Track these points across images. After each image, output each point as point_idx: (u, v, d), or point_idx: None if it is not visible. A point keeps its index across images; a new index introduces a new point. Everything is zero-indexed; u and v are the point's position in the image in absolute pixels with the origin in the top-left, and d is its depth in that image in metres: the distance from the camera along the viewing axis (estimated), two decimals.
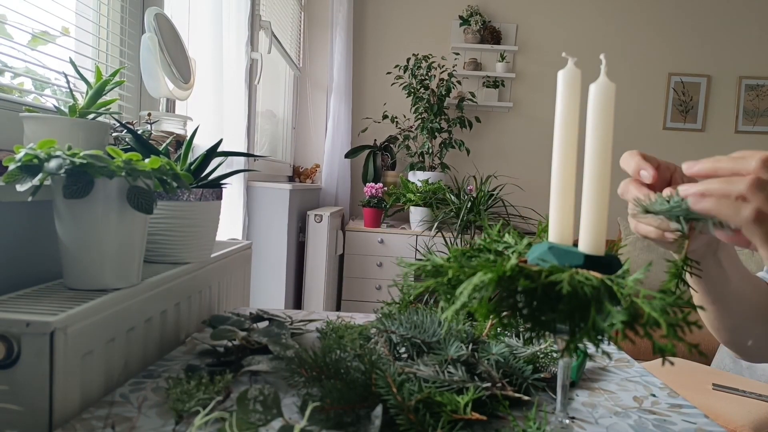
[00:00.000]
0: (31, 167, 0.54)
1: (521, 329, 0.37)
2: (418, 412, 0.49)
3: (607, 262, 0.38)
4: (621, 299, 0.34)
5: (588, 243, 0.39)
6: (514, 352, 0.65)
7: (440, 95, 2.98)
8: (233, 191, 1.79)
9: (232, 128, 1.77)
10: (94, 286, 0.61)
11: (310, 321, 0.90)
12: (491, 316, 0.36)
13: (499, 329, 0.37)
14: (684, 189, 0.41)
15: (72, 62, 0.74)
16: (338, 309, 2.86)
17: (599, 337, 0.34)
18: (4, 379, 0.49)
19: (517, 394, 0.58)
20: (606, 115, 0.39)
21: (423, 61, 2.95)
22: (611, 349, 0.86)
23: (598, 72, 0.39)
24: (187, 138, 0.85)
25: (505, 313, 0.36)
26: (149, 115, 1.01)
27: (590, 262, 0.37)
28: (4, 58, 0.88)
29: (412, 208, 2.85)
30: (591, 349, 0.61)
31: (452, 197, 2.64)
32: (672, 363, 0.30)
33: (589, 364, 0.76)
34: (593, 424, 0.57)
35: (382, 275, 2.79)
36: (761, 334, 0.63)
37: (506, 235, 0.48)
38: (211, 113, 1.59)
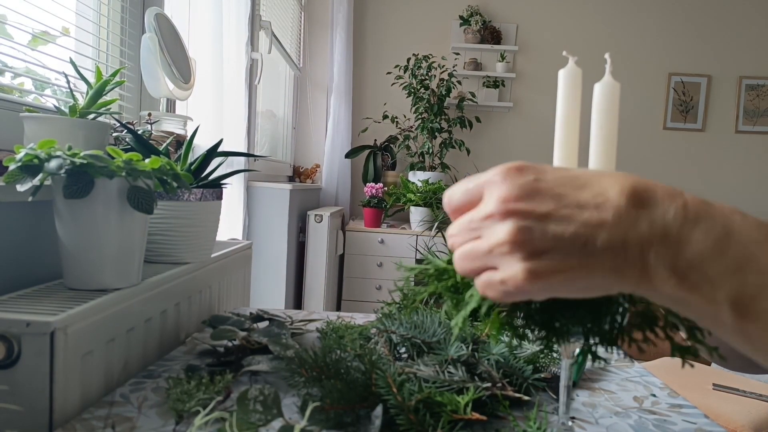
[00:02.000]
0: (31, 167, 0.54)
1: (533, 336, 0.37)
2: (418, 412, 0.49)
3: None
4: (637, 301, 0.33)
5: None
6: (514, 351, 0.65)
7: (440, 95, 2.98)
8: (233, 191, 1.79)
9: (232, 128, 1.77)
10: (94, 286, 0.61)
11: (310, 321, 0.90)
12: (504, 328, 0.36)
13: (513, 338, 0.36)
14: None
15: (72, 62, 0.74)
16: (338, 309, 2.86)
17: (615, 340, 0.34)
18: (4, 379, 0.49)
19: (517, 394, 0.58)
20: (611, 114, 0.38)
21: (423, 61, 2.95)
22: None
23: (598, 72, 0.39)
24: (188, 138, 0.85)
25: (519, 323, 0.36)
26: (149, 115, 1.01)
27: None
28: (5, 58, 0.88)
29: (412, 208, 2.85)
30: (602, 352, 0.61)
31: None
32: (692, 365, 0.30)
33: (588, 364, 0.76)
34: (593, 424, 0.57)
35: (382, 275, 2.79)
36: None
37: None
38: (211, 113, 1.59)
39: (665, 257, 0.28)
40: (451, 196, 0.34)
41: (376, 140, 3.27)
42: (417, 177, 2.95)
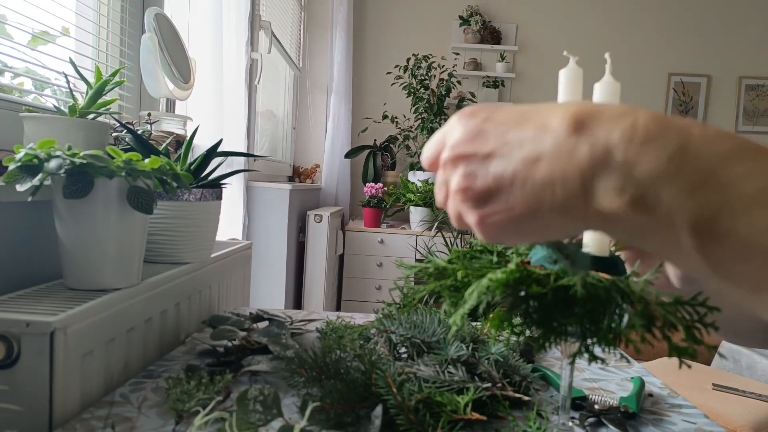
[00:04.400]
0: (31, 167, 0.54)
1: (532, 335, 0.36)
2: (418, 412, 0.48)
3: (612, 262, 0.37)
4: (635, 301, 0.33)
5: (593, 243, 0.38)
6: (513, 350, 0.65)
7: (440, 95, 2.98)
8: (233, 191, 1.79)
9: (232, 128, 1.77)
10: (94, 286, 0.61)
11: (310, 321, 0.90)
12: (504, 324, 0.35)
13: (510, 336, 0.36)
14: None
15: (72, 62, 0.74)
16: (338, 309, 2.86)
17: (613, 341, 0.33)
18: (4, 379, 0.49)
19: (517, 395, 0.58)
20: None
21: (423, 61, 2.95)
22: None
23: (598, 72, 0.39)
24: (187, 138, 0.85)
25: (518, 322, 0.36)
26: (149, 115, 1.01)
27: (596, 262, 0.37)
28: (4, 58, 0.88)
29: (412, 208, 2.85)
30: (600, 352, 0.60)
31: None
32: (689, 366, 0.30)
33: (584, 363, 0.76)
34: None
35: (382, 275, 2.79)
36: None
37: None
38: (211, 113, 1.59)
39: (610, 182, 0.25)
40: (424, 152, 0.33)
41: (375, 140, 3.27)
42: (417, 177, 2.95)
